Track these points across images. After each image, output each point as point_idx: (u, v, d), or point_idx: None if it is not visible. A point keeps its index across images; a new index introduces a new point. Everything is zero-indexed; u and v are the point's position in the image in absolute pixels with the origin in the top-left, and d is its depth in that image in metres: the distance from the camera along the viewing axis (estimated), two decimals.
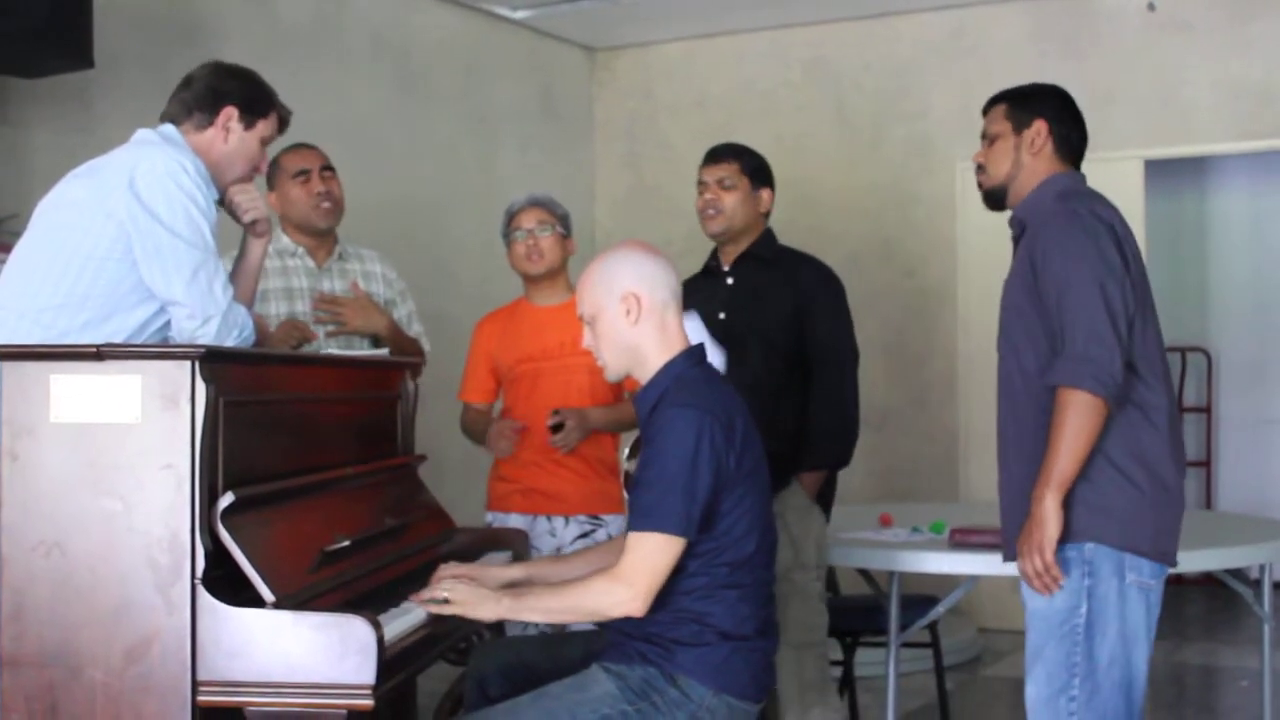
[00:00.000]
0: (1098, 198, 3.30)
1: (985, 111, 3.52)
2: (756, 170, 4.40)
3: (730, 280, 4.41)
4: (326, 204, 4.40)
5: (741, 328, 4.28)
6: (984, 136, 3.49)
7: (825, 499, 4.33)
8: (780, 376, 4.24)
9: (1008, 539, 3.30)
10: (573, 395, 4.34)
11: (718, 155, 4.44)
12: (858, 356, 4.40)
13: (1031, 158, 3.37)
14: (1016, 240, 3.41)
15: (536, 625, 4.29)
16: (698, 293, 4.33)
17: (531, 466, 4.43)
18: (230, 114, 3.28)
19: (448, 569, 3.25)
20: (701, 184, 4.42)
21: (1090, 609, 3.12)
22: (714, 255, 4.50)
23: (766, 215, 4.45)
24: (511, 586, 3.27)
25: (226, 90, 3.30)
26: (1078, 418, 3.03)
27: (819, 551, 4.24)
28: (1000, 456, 3.37)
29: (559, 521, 4.41)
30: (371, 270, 4.54)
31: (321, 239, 4.45)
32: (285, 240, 4.39)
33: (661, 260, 3.28)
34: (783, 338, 4.26)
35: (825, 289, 4.35)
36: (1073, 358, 3.05)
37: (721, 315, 4.30)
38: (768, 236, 4.45)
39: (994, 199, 3.48)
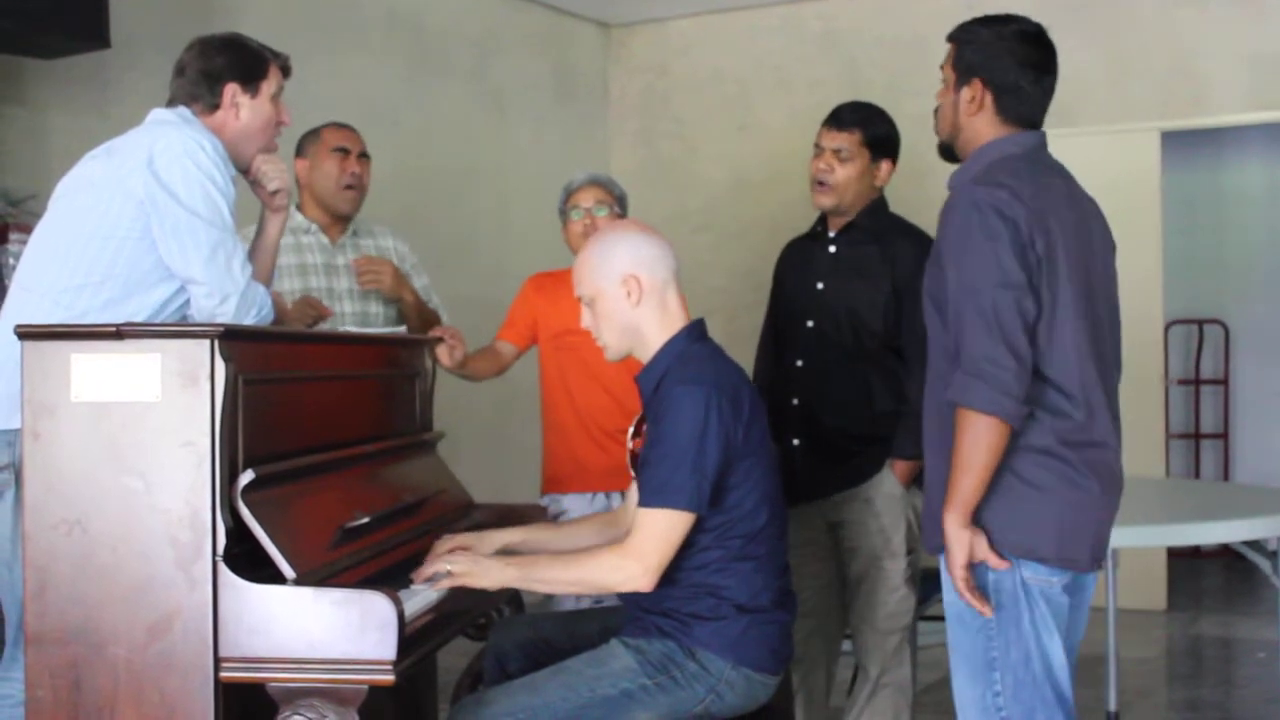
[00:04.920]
0: (1022, 173, 2.96)
1: (947, 43, 3.18)
2: (880, 141, 4.10)
3: (832, 249, 4.18)
4: (354, 190, 4.44)
5: (836, 302, 4.10)
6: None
7: None
8: (873, 357, 4.06)
9: (927, 529, 3.13)
10: (620, 372, 4.30)
11: (840, 120, 4.11)
12: None
13: (969, 119, 3.07)
14: None
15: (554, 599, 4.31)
16: (798, 258, 4.28)
17: (585, 443, 4.44)
18: (233, 91, 3.28)
19: (444, 543, 3.24)
20: (818, 148, 4.13)
21: (998, 604, 2.95)
22: (821, 219, 4.26)
23: (882, 185, 4.18)
24: (509, 552, 3.28)
25: (219, 68, 3.29)
26: (971, 437, 2.82)
27: (911, 539, 4.08)
28: None
29: (616, 498, 4.42)
30: (384, 245, 4.56)
31: (336, 218, 4.47)
32: (299, 217, 4.41)
33: (659, 239, 3.28)
34: (877, 317, 4.05)
35: (923, 270, 4.06)
36: (964, 373, 2.83)
37: (819, 285, 4.15)
38: (877, 206, 4.16)
39: (945, 153, 3.19)
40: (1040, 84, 3.07)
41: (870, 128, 4.10)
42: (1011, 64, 3.04)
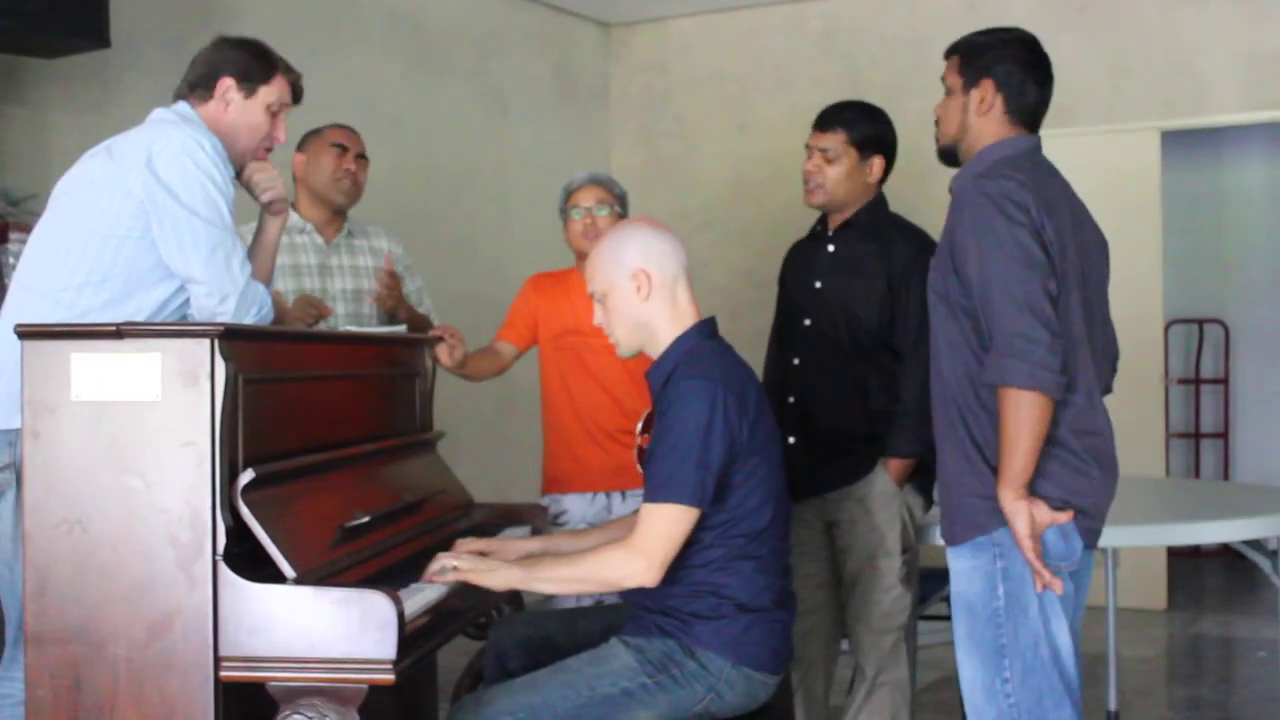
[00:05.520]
0: (1024, 169, 3.09)
1: (945, 58, 3.34)
2: (867, 139, 4.09)
3: (831, 248, 4.18)
4: (350, 185, 4.45)
5: (833, 300, 4.11)
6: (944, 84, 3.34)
7: (924, 482, 4.11)
8: (869, 354, 4.06)
9: (943, 522, 3.23)
10: (620, 372, 4.36)
11: (826, 121, 4.13)
12: None
13: (978, 119, 3.21)
14: None
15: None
16: (799, 258, 4.30)
17: (586, 444, 4.44)
18: (227, 85, 3.29)
19: (465, 544, 3.27)
20: (808, 148, 4.15)
21: (1006, 591, 3.03)
22: (821, 220, 4.26)
23: (880, 183, 4.17)
24: (528, 559, 3.29)
25: (221, 61, 3.31)
26: (1015, 414, 2.89)
27: (906, 538, 4.08)
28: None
29: (616, 497, 4.44)
30: (378, 246, 4.56)
31: (331, 216, 4.48)
32: (295, 217, 4.41)
33: (670, 235, 3.28)
34: (873, 315, 4.04)
35: (920, 267, 3.93)
36: (1000, 354, 2.91)
37: (818, 284, 4.15)
38: (875, 205, 4.16)
39: (947, 156, 3.34)
40: (1043, 88, 3.23)
41: (856, 127, 4.11)
42: (1017, 68, 3.20)
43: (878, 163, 4.13)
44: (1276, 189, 9.61)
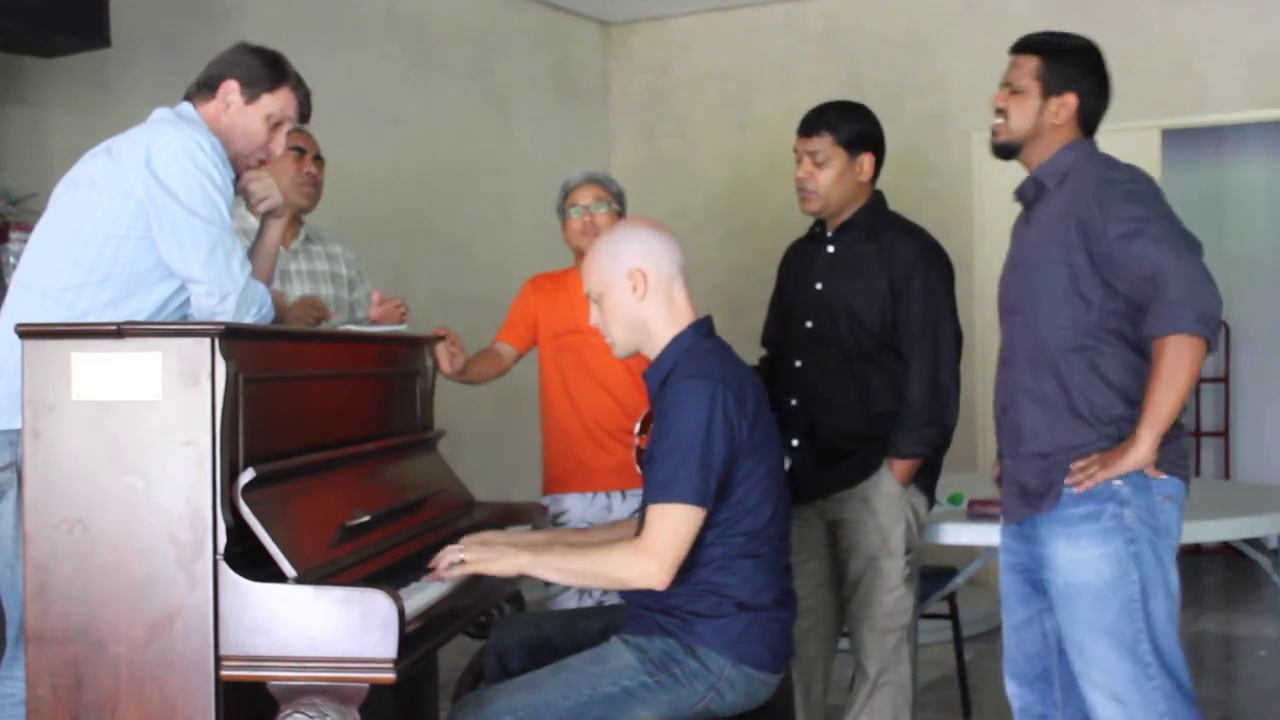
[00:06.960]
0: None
1: (1015, 51, 3.49)
2: (855, 138, 4.07)
3: (831, 249, 4.16)
4: (311, 188, 4.43)
5: (834, 301, 4.09)
6: (1008, 83, 3.47)
7: (928, 482, 4.16)
8: (870, 355, 4.05)
9: (1028, 496, 3.38)
10: (621, 371, 4.35)
11: (810, 126, 4.11)
12: (959, 339, 4.08)
13: (1055, 126, 3.39)
14: (1029, 202, 3.45)
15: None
16: (798, 259, 4.30)
17: (586, 443, 4.44)
18: (230, 87, 3.28)
19: (469, 539, 3.27)
20: (796, 154, 4.14)
21: (1142, 577, 3.21)
22: (819, 220, 4.22)
23: (873, 179, 4.15)
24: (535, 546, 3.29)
25: (232, 64, 3.31)
26: (1176, 359, 3.10)
27: (910, 538, 4.08)
28: (1009, 420, 3.42)
29: (616, 497, 4.44)
30: (334, 252, 4.56)
31: (289, 222, 4.46)
32: (252, 220, 4.40)
33: (666, 235, 3.28)
34: (875, 316, 4.02)
35: (922, 267, 4.03)
36: (1171, 304, 3.07)
37: (818, 285, 4.15)
38: (873, 204, 4.16)
39: (1007, 151, 3.48)
40: (1106, 101, 3.49)
41: (841, 127, 4.08)
42: (1095, 84, 3.45)
43: (867, 160, 4.11)
44: (1277, 188, 9.61)
